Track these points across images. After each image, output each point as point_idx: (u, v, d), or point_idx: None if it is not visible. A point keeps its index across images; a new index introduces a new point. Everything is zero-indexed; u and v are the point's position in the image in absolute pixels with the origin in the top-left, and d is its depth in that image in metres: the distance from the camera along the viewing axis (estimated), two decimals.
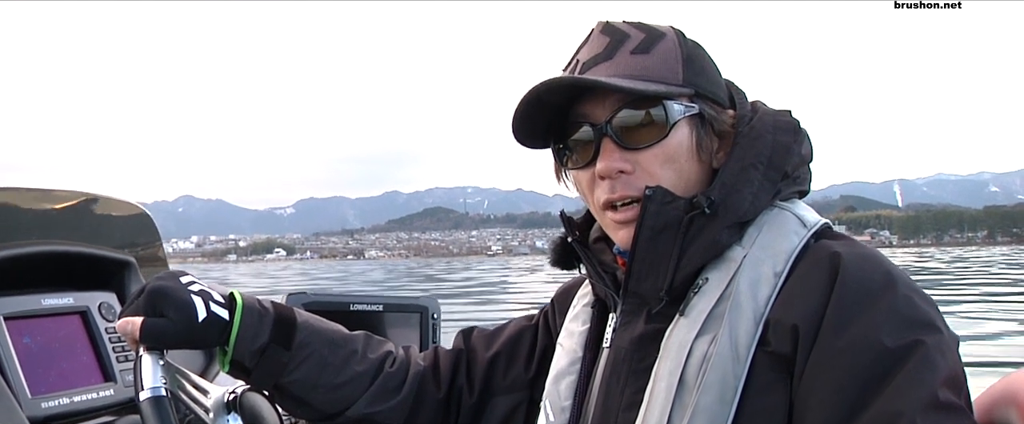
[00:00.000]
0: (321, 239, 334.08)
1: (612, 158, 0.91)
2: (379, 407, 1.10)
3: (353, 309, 1.49)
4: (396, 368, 1.13)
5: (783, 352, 0.82)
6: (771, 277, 0.85)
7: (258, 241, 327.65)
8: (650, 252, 0.90)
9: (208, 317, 1.00)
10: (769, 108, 0.97)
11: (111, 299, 1.41)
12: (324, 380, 1.06)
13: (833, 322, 0.80)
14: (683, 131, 0.92)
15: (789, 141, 0.93)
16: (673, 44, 0.93)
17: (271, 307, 1.07)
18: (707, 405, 0.81)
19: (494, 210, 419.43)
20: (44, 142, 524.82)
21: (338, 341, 1.10)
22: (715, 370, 0.82)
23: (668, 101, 0.90)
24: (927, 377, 0.76)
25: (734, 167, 0.91)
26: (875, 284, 0.81)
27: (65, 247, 1.41)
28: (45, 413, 1.20)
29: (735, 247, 0.89)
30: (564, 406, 1.00)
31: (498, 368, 1.15)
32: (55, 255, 1.39)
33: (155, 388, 0.95)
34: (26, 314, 1.27)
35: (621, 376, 0.92)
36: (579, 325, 1.05)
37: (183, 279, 1.03)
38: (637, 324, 0.93)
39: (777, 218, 0.90)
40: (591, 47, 0.94)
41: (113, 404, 1.30)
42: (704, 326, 0.85)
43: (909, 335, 0.78)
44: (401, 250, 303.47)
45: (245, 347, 1.02)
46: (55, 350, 1.29)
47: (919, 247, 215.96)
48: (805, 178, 0.95)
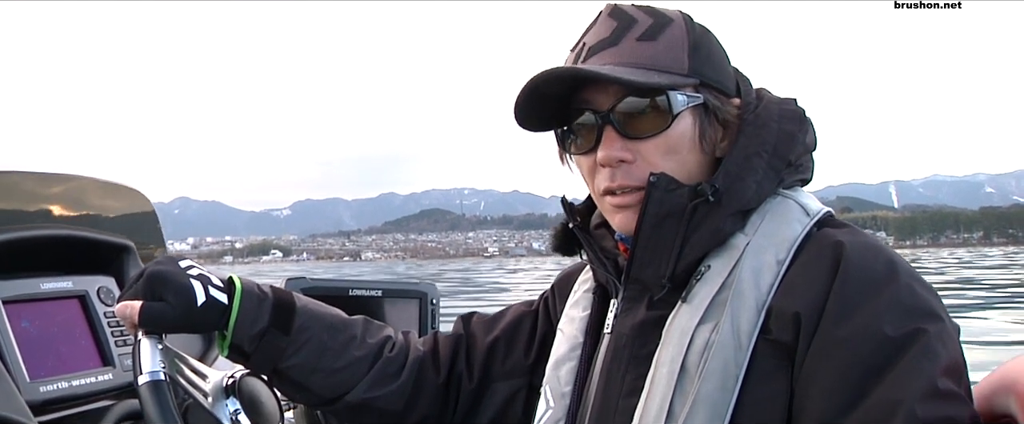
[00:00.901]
0: (317, 240, 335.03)
1: (613, 147, 0.91)
2: (378, 392, 1.09)
3: (352, 294, 1.48)
4: (395, 353, 1.13)
5: (785, 340, 0.82)
6: (773, 265, 0.85)
7: (254, 243, 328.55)
8: (653, 239, 0.90)
9: (207, 301, 1.00)
10: (774, 96, 0.97)
11: (110, 283, 1.40)
12: (323, 365, 1.06)
13: (835, 310, 0.80)
14: (686, 121, 0.91)
15: (794, 130, 0.92)
16: (681, 30, 0.92)
17: (270, 291, 1.06)
18: (708, 393, 0.81)
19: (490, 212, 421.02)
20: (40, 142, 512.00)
21: (337, 326, 1.10)
22: (717, 358, 0.82)
23: (672, 91, 0.90)
24: (927, 366, 0.76)
25: (739, 155, 0.90)
26: (877, 273, 0.81)
27: (64, 231, 1.41)
28: (44, 397, 1.20)
29: (738, 235, 0.88)
30: (564, 392, 1.00)
31: (498, 354, 1.15)
32: (54, 239, 1.38)
33: (154, 372, 0.95)
34: (25, 298, 1.27)
35: (622, 363, 0.92)
36: (580, 311, 1.05)
37: (182, 263, 1.03)
38: (639, 310, 0.93)
39: (780, 206, 0.90)
40: (598, 31, 0.94)
41: (112, 388, 1.30)
42: (706, 313, 0.85)
43: (910, 324, 0.78)
44: (397, 252, 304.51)
45: (244, 331, 1.02)
46: (54, 334, 1.28)
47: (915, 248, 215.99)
48: (809, 167, 0.95)
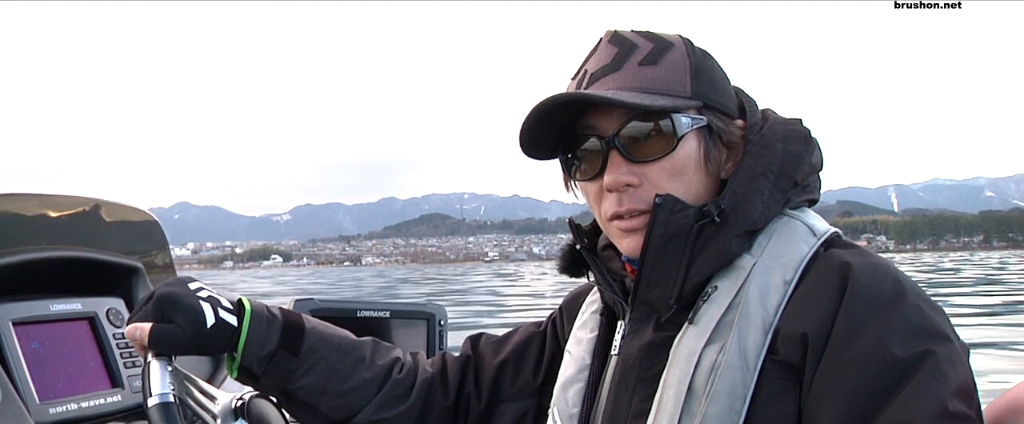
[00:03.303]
0: (317, 245, 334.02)
1: (619, 171, 0.91)
2: (387, 413, 1.09)
3: (360, 315, 1.48)
4: (404, 374, 1.13)
5: (792, 361, 0.82)
6: (781, 286, 0.85)
7: (254, 248, 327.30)
8: (660, 260, 0.90)
9: (217, 323, 1.00)
10: (780, 117, 0.97)
11: (119, 305, 1.41)
12: (332, 386, 1.06)
13: (843, 331, 0.80)
14: (691, 144, 0.92)
15: (799, 150, 0.93)
16: (681, 54, 0.93)
17: (279, 313, 1.07)
18: (716, 414, 0.81)
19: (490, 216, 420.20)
20: (40, 148, 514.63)
21: (346, 347, 1.10)
22: (724, 379, 0.82)
23: (676, 114, 0.90)
24: (937, 387, 0.75)
25: (744, 176, 0.91)
26: (885, 294, 0.81)
27: (73, 252, 1.42)
28: (53, 418, 1.20)
29: (745, 255, 0.89)
30: (572, 413, 1.00)
31: (506, 375, 1.15)
32: (63, 260, 1.40)
33: (163, 394, 0.95)
34: (35, 319, 1.28)
35: (629, 384, 0.92)
36: (587, 332, 1.05)
37: (191, 285, 1.03)
38: (646, 332, 0.93)
39: (787, 227, 0.90)
40: (599, 57, 0.94)
41: (121, 410, 1.31)
42: (713, 334, 0.85)
43: (919, 345, 0.78)
44: (398, 256, 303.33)
45: (253, 353, 1.02)
46: (63, 355, 1.29)
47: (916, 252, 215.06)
48: (815, 187, 0.95)
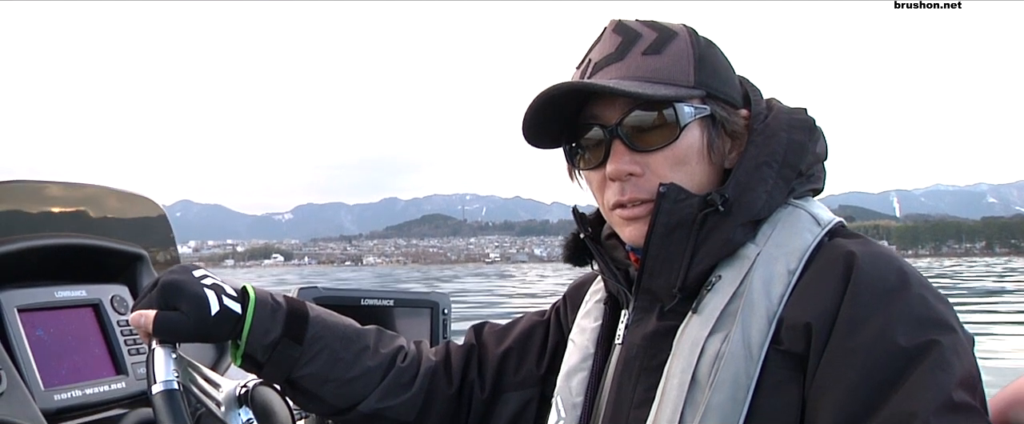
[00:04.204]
0: (319, 245, 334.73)
1: (622, 160, 0.91)
2: (391, 402, 1.10)
3: (363, 304, 1.49)
4: (408, 363, 1.13)
5: (796, 351, 0.81)
6: (785, 275, 0.85)
7: (256, 246, 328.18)
8: (663, 249, 0.90)
9: (221, 311, 1.00)
10: (784, 106, 0.97)
11: (123, 292, 1.41)
12: (336, 374, 1.07)
13: (847, 321, 0.80)
14: (694, 133, 0.91)
15: (804, 139, 0.92)
16: (685, 44, 0.93)
17: (283, 301, 1.07)
18: (719, 403, 0.81)
19: (492, 217, 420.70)
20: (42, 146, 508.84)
21: (350, 336, 1.10)
22: (728, 368, 0.82)
23: (679, 103, 0.90)
24: (942, 378, 0.75)
25: (748, 165, 0.90)
26: (889, 283, 0.81)
27: (78, 239, 1.42)
28: (58, 405, 1.21)
29: (749, 245, 0.88)
30: (575, 402, 1.00)
31: (509, 364, 1.15)
32: (68, 247, 1.40)
33: (167, 381, 0.95)
34: (39, 306, 1.28)
35: (633, 373, 0.92)
36: (591, 321, 1.05)
37: (196, 273, 1.03)
38: (649, 321, 0.93)
39: (791, 216, 0.90)
40: (603, 47, 0.94)
41: (125, 397, 1.31)
42: (717, 324, 0.85)
43: (923, 335, 0.77)
44: (399, 256, 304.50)
45: (257, 341, 1.03)
46: (68, 342, 1.29)
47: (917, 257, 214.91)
48: (820, 176, 0.95)
